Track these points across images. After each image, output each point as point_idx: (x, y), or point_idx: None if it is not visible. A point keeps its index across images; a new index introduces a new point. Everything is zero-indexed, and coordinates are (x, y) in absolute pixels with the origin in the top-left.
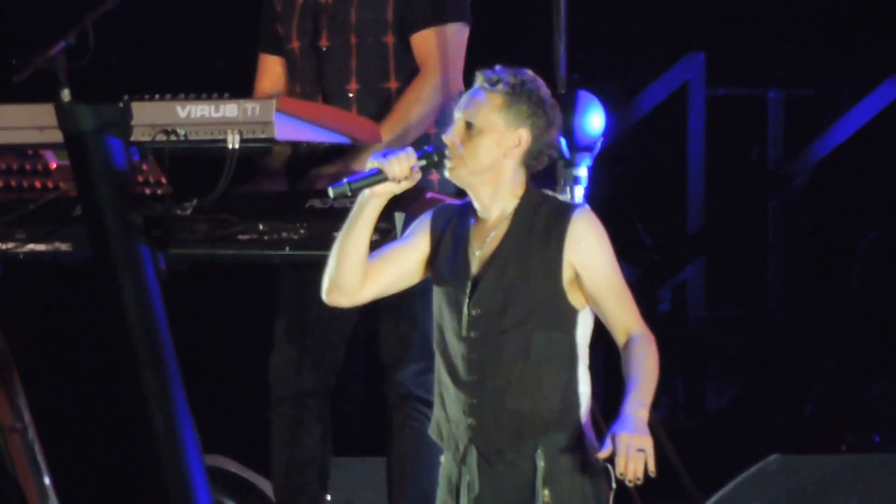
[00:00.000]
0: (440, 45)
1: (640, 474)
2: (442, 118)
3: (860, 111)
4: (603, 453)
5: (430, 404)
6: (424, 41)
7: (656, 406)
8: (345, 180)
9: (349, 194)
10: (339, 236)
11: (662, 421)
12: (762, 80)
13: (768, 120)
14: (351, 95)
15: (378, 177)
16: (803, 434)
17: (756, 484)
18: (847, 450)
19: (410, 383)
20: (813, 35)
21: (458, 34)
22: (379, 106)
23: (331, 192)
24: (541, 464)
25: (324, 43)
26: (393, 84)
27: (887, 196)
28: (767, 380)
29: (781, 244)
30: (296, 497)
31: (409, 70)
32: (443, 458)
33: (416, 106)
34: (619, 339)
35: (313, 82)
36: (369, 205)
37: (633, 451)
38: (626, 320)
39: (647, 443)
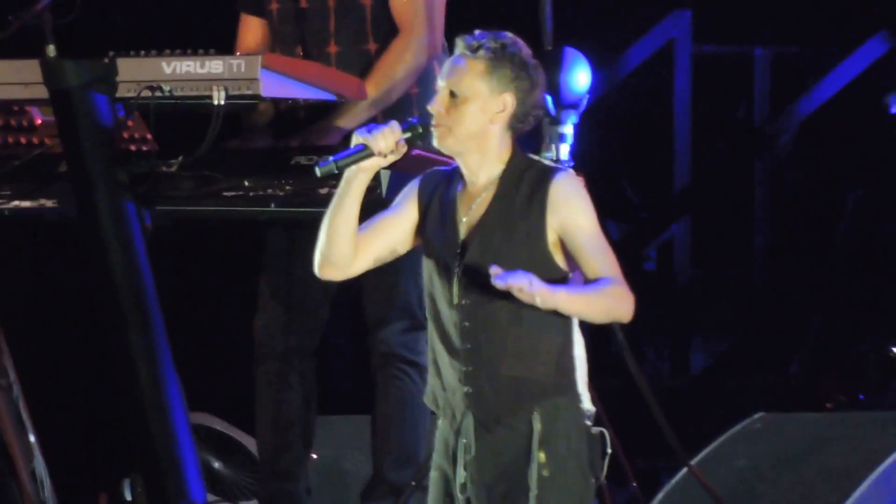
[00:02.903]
0: (425, 4)
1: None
2: (424, 78)
3: (846, 68)
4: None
5: (413, 364)
6: (408, 1)
7: (641, 363)
8: (331, 158)
9: (336, 172)
10: (329, 212)
11: (648, 380)
12: (748, 37)
13: (754, 77)
14: (331, 58)
15: (364, 153)
16: (788, 392)
17: (741, 442)
18: (832, 408)
19: (393, 342)
20: None
21: None
22: (360, 68)
23: (318, 171)
24: (537, 426)
25: (303, 4)
26: (371, 45)
27: (873, 154)
28: (753, 338)
29: (767, 202)
30: (280, 455)
31: (387, 31)
32: (439, 423)
33: (400, 64)
34: None
35: (293, 44)
36: (356, 180)
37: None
38: (608, 275)
39: (528, 281)
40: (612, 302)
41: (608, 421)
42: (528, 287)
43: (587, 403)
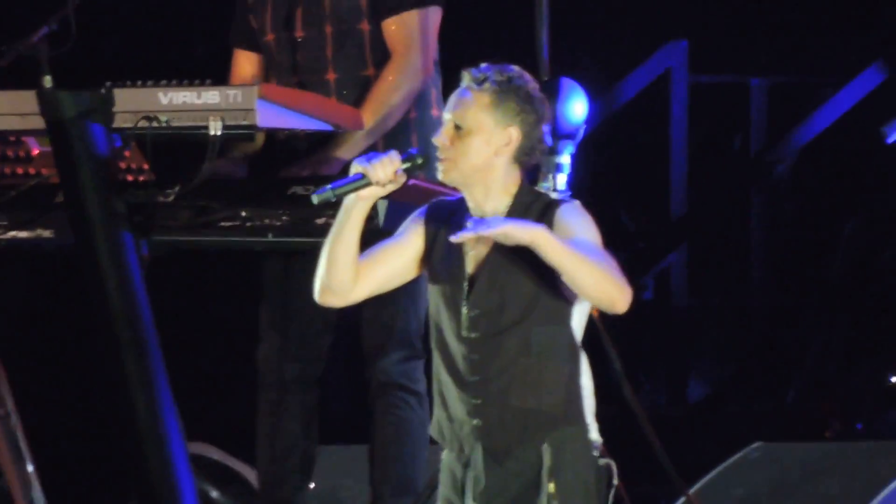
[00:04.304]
0: (419, 28)
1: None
2: (421, 101)
3: (843, 98)
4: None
5: (412, 392)
6: (401, 25)
7: (639, 392)
8: (328, 186)
9: (333, 200)
10: (328, 240)
11: (645, 408)
12: (745, 67)
13: (751, 107)
14: (330, 85)
15: (362, 181)
16: (786, 421)
17: (739, 471)
18: (830, 437)
19: (392, 371)
20: (795, 22)
21: (433, 18)
22: (358, 94)
23: (314, 199)
24: (546, 457)
25: (299, 34)
26: (371, 71)
27: (870, 182)
28: (750, 367)
29: (764, 231)
30: (280, 484)
31: (385, 56)
32: (444, 455)
33: (394, 91)
34: None
35: (289, 73)
36: (355, 208)
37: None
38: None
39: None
40: (604, 271)
41: (606, 450)
42: (485, 231)
43: (595, 434)
